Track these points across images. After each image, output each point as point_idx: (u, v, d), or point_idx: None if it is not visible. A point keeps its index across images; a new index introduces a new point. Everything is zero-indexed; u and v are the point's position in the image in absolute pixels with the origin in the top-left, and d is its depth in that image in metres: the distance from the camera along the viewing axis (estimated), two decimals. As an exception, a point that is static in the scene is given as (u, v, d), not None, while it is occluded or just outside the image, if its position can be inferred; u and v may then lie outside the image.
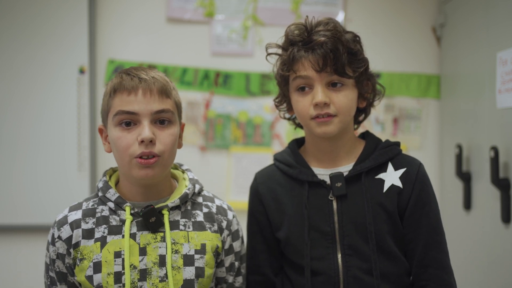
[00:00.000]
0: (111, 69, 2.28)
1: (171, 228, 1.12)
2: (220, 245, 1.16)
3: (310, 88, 1.16)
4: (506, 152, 1.75)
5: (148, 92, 1.07)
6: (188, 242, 1.12)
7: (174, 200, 1.13)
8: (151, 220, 1.09)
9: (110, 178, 1.19)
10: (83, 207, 1.14)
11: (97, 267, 1.08)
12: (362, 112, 1.30)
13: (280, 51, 1.23)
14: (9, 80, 2.18)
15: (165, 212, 1.12)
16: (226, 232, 1.18)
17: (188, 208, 1.17)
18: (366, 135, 1.28)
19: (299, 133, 2.32)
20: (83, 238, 1.10)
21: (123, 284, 1.06)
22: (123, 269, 1.07)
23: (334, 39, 1.14)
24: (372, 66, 1.24)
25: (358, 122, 1.31)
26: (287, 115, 1.33)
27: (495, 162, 1.75)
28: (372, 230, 1.15)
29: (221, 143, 2.33)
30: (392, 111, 2.38)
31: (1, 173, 2.17)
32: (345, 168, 1.21)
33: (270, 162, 2.30)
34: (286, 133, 2.35)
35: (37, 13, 2.19)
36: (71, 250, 1.10)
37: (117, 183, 1.19)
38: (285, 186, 1.25)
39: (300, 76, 1.16)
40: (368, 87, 1.23)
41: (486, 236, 1.89)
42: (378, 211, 1.17)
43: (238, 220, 1.27)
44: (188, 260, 1.11)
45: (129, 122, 1.07)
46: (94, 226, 1.11)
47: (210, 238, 1.15)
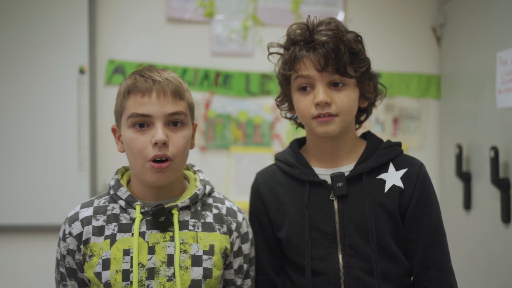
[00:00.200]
0: (111, 69, 2.28)
1: (180, 228, 1.12)
2: (228, 246, 1.16)
3: (311, 88, 1.16)
4: (506, 152, 1.75)
5: (162, 94, 1.08)
6: (197, 242, 1.12)
7: (184, 200, 1.14)
8: (160, 219, 1.10)
9: (122, 176, 1.20)
10: (95, 205, 1.15)
11: (105, 264, 1.09)
12: (364, 112, 1.29)
13: (281, 51, 1.22)
14: (9, 80, 2.17)
15: (174, 212, 1.12)
16: (235, 234, 1.18)
17: (198, 208, 1.17)
18: (368, 135, 1.28)
19: (299, 133, 2.32)
20: (93, 235, 1.11)
21: (131, 282, 1.07)
22: (131, 267, 1.08)
23: (335, 39, 1.13)
24: (372, 66, 1.24)
25: (359, 122, 1.30)
26: (289, 115, 1.33)
27: (495, 162, 1.75)
28: (373, 231, 1.15)
29: (221, 143, 2.33)
30: (392, 111, 2.38)
31: (1, 173, 2.17)
32: (346, 168, 1.21)
33: (270, 162, 2.30)
34: (286, 133, 2.35)
35: (37, 13, 2.19)
36: (81, 247, 1.11)
37: (128, 182, 1.20)
38: (286, 186, 1.25)
39: (301, 76, 1.16)
40: (369, 87, 1.23)
41: (486, 236, 1.89)
42: (379, 212, 1.16)
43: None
44: (196, 261, 1.11)
45: (142, 123, 1.08)
46: (104, 224, 1.12)
47: (219, 240, 1.15)
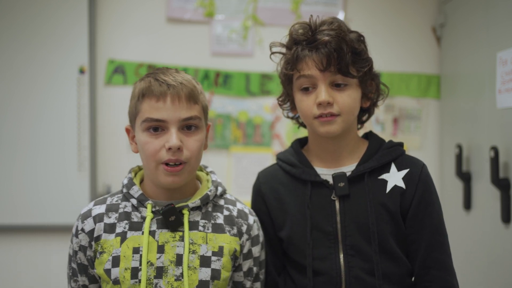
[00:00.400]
0: (111, 69, 2.28)
1: (190, 228, 1.12)
2: (238, 248, 1.16)
3: (313, 88, 1.16)
4: (506, 152, 1.75)
5: (177, 99, 1.08)
6: (206, 243, 1.12)
7: (195, 201, 1.14)
8: (170, 219, 1.10)
9: (136, 175, 1.21)
10: (108, 202, 1.16)
11: (115, 261, 1.09)
12: (366, 112, 1.29)
13: (284, 50, 1.22)
14: (9, 80, 2.18)
15: (185, 212, 1.12)
16: (245, 236, 1.18)
17: (209, 209, 1.17)
18: (369, 136, 1.27)
19: (299, 133, 2.32)
20: (105, 232, 1.12)
21: (139, 280, 1.07)
22: (140, 265, 1.08)
23: (338, 39, 1.13)
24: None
25: (361, 122, 1.30)
26: (291, 114, 1.32)
27: (495, 162, 1.75)
28: (374, 231, 1.15)
29: (221, 143, 2.33)
30: (392, 111, 2.38)
31: (1, 173, 2.17)
32: (348, 168, 1.21)
33: (270, 162, 2.31)
34: (286, 133, 2.35)
35: (37, 13, 2.19)
36: (93, 243, 1.12)
37: (142, 181, 1.20)
38: (287, 185, 1.25)
39: (303, 75, 1.16)
40: (372, 87, 1.23)
41: (486, 236, 1.89)
42: (381, 212, 1.16)
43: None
44: (205, 261, 1.11)
45: (156, 127, 1.09)
46: (116, 221, 1.13)
47: (228, 241, 1.14)
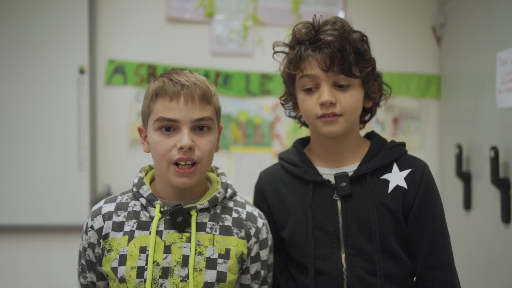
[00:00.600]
0: (111, 69, 2.28)
1: (197, 230, 1.12)
2: (245, 251, 1.15)
3: (316, 87, 1.16)
4: (506, 152, 1.75)
5: (190, 100, 1.08)
6: (213, 245, 1.12)
7: (203, 202, 1.13)
8: (178, 220, 1.10)
9: (146, 174, 1.21)
10: (118, 200, 1.17)
11: (122, 259, 1.09)
12: (368, 112, 1.29)
13: (287, 50, 1.22)
14: (9, 80, 2.18)
15: (193, 213, 1.12)
16: (253, 239, 1.17)
17: (218, 211, 1.16)
18: (372, 135, 1.27)
19: (299, 133, 2.32)
20: (113, 230, 1.12)
21: (145, 280, 1.08)
22: (146, 264, 1.09)
23: (341, 39, 1.13)
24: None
25: (363, 122, 1.30)
26: (293, 114, 1.32)
27: (495, 162, 1.75)
28: (376, 231, 1.15)
29: (221, 143, 2.31)
30: (392, 111, 2.38)
31: (1, 173, 2.17)
32: (350, 168, 1.21)
33: (270, 162, 2.31)
34: (286, 133, 2.35)
35: (37, 13, 2.19)
36: (101, 241, 1.13)
37: (152, 181, 1.21)
38: (289, 185, 1.25)
39: (306, 75, 1.16)
40: (374, 87, 1.22)
41: (486, 236, 1.89)
42: (383, 212, 1.16)
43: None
44: (211, 263, 1.10)
45: (169, 127, 1.09)
46: (124, 220, 1.13)
47: (235, 244, 1.14)
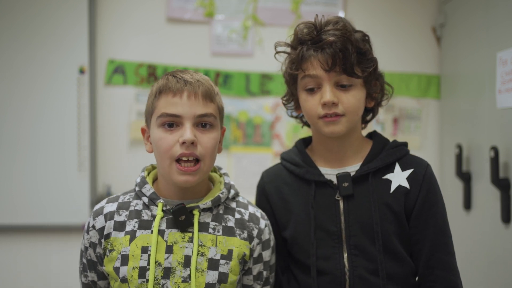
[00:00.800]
0: (111, 69, 2.28)
1: (200, 230, 1.12)
2: (248, 253, 1.15)
3: (318, 87, 1.16)
4: (506, 152, 1.75)
5: (193, 95, 1.08)
6: (216, 246, 1.11)
7: (206, 202, 1.13)
8: (180, 219, 1.10)
9: (149, 174, 1.21)
10: (120, 200, 1.16)
11: (124, 259, 1.09)
12: (370, 111, 1.29)
13: (288, 50, 1.22)
14: (9, 80, 2.18)
15: (195, 212, 1.12)
16: (256, 240, 1.16)
17: (220, 212, 1.16)
18: (374, 135, 1.27)
19: (299, 133, 2.32)
20: (114, 230, 1.12)
21: (147, 280, 1.07)
22: (148, 264, 1.08)
23: (343, 39, 1.13)
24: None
25: (365, 122, 1.30)
26: (294, 114, 1.32)
27: (495, 162, 1.75)
28: (378, 231, 1.15)
29: (221, 143, 2.33)
30: (392, 111, 2.38)
31: (1, 173, 2.17)
32: (352, 168, 1.21)
33: (270, 162, 2.31)
34: (286, 133, 2.35)
35: (37, 13, 2.19)
36: (102, 241, 1.12)
37: (155, 180, 1.20)
38: (291, 185, 1.25)
39: (308, 75, 1.16)
40: (376, 87, 1.22)
41: (486, 236, 1.89)
42: (385, 212, 1.16)
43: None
44: (213, 264, 1.10)
45: (171, 123, 1.09)
46: (126, 219, 1.12)
47: (238, 245, 1.13)
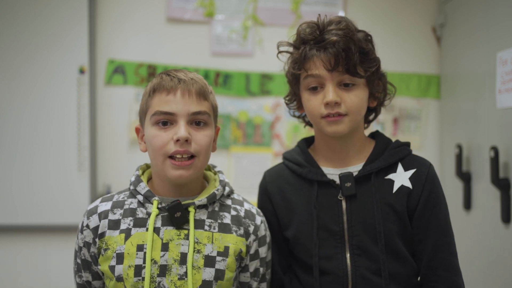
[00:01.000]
0: (111, 69, 2.28)
1: (195, 227, 1.12)
2: (244, 249, 1.15)
3: (321, 87, 1.16)
4: (506, 152, 1.75)
5: (187, 93, 1.09)
6: (212, 243, 1.11)
7: (201, 199, 1.13)
8: (176, 215, 1.10)
9: (143, 173, 1.21)
10: (114, 199, 1.16)
11: (119, 258, 1.09)
12: (372, 111, 1.29)
13: (291, 50, 1.22)
14: (9, 80, 2.18)
15: (191, 209, 1.12)
16: (252, 237, 1.17)
17: (216, 209, 1.16)
18: (376, 135, 1.27)
19: (299, 133, 2.32)
20: (109, 228, 1.11)
21: (143, 278, 1.07)
22: (144, 262, 1.08)
23: (346, 38, 1.13)
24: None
25: (368, 122, 1.30)
26: (297, 113, 1.32)
27: (495, 162, 1.75)
28: (381, 231, 1.15)
29: (221, 143, 2.33)
30: (392, 111, 2.38)
31: (1, 173, 2.17)
32: (354, 168, 1.21)
33: (270, 162, 2.31)
34: (286, 133, 2.35)
35: (37, 13, 2.19)
36: (97, 240, 1.12)
37: (149, 179, 1.20)
38: (294, 185, 1.25)
39: (311, 75, 1.16)
40: (379, 87, 1.23)
41: (486, 236, 1.89)
42: (387, 212, 1.16)
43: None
44: (209, 261, 1.10)
45: (166, 122, 1.09)
46: (120, 218, 1.12)
47: (234, 242, 1.14)
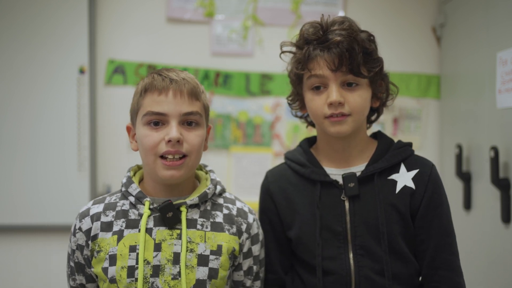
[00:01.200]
0: (111, 69, 2.28)
1: (188, 227, 1.12)
2: (237, 247, 1.15)
3: (324, 87, 1.16)
4: (506, 152, 1.75)
5: (179, 93, 1.09)
6: (205, 242, 1.12)
7: (193, 198, 1.13)
8: (168, 215, 1.10)
9: (135, 174, 1.21)
10: (106, 201, 1.16)
11: (112, 260, 1.09)
12: (375, 111, 1.29)
13: (293, 49, 1.22)
14: (9, 80, 2.17)
15: (183, 209, 1.12)
16: (245, 235, 1.17)
17: (208, 208, 1.16)
18: (378, 135, 1.27)
19: (299, 133, 2.32)
20: (102, 230, 1.12)
21: (136, 279, 1.07)
22: (136, 263, 1.08)
23: (350, 39, 1.13)
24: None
25: (370, 122, 1.30)
26: (299, 113, 1.32)
27: (495, 162, 1.75)
28: (384, 231, 1.15)
29: (221, 143, 2.33)
30: (392, 111, 2.38)
31: (1, 173, 2.17)
32: (357, 168, 1.21)
33: (270, 162, 2.31)
34: (286, 133, 2.35)
35: (37, 13, 2.19)
36: (89, 242, 1.12)
37: (141, 180, 1.20)
38: (296, 185, 1.25)
39: (315, 75, 1.16)
40: (382, 87, 1.23)
41: (486, 236, 1.89)
42: (390, 212, 1.16)
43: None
44: (203, 260, 1.10)
45: (157, 122, 1.09)
46: (113, 219, 1.12)
47: (227, 240, 1.14)
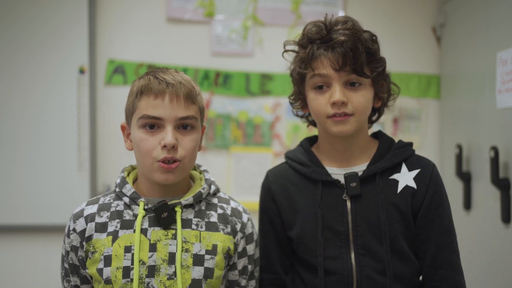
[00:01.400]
0: (111, 69, 2.28)
1: (183, 226, 1.12)
2: (232, 247, 1.16)
3: (327, 87, 1.16)
4: (506, 152, 1.75)
5: (175, 98, 1.09)
6: (200, 241, 1.12)
7: (188, 198, 1.14)
8: (163, 216, 1.10)
9: (129, 174, 1.21)
10: (100, 202, 1.16)
11: (107, 260, 1.09)
12: (376, 111, 1.29)
13: (296, 49, 1.23)
14: (9, 80, 2.17)
15: (177, 209, 1.12)
16: (239, 234, 1.18)
17: (202, 208, 1.17)
18: (379, 135, 1.28)
19: (299, 133, 2.32)
20: (96, 231, 1.11)
21: (131, 279, 1.07)
22: (132, 264, 1.08)
23: (354, 38, 1.13)
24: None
25: (371, 122, 1.30)
26: (300, 113, 1.33)
27: (495, 162, 1.75)
28: (386, 231, 1.15)
29: (221, 143, 2.33)
30: (392, 111, 2.38)
31: (1, 173, 2.17)
32: (358, 168, 1.21)
33: (270, 162, 2.31)
34: (286, 133, 2.35)
35: (37, 13, 2.19)
36: (84, 243, 1.12)
37: (135, 180, 1.20)
38: (297, 184, 1.25)
39: (318, 74, 1.16)
40: (384, 87, 1.23)
41: (486, 236, 1.89)
42: (392, 212, 1.17)
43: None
44: (198, 260, 1.11)
45: (153, 125, 1.09)
46: (107, 220, 1.12)
47: (222, 240, 1.14)
